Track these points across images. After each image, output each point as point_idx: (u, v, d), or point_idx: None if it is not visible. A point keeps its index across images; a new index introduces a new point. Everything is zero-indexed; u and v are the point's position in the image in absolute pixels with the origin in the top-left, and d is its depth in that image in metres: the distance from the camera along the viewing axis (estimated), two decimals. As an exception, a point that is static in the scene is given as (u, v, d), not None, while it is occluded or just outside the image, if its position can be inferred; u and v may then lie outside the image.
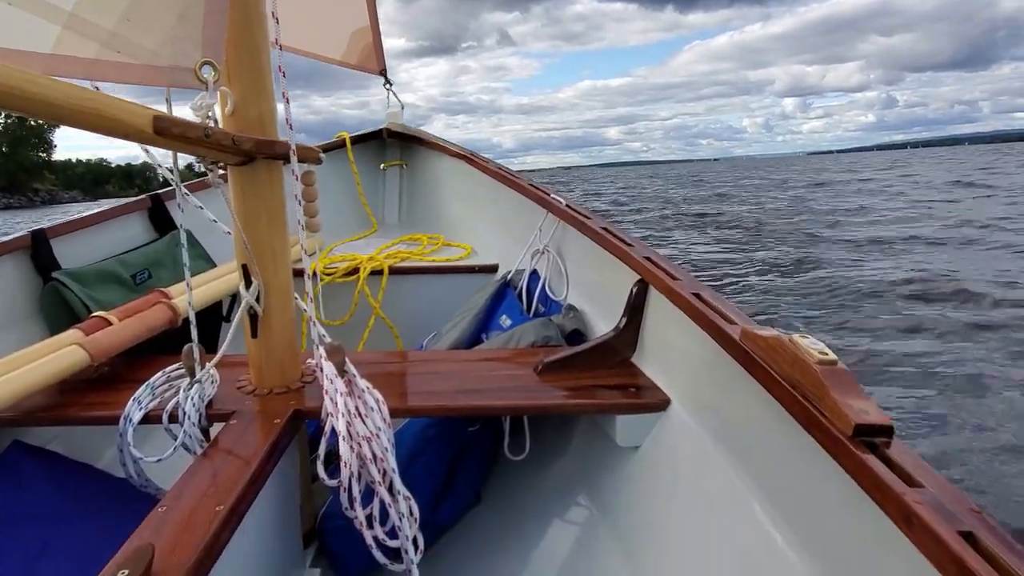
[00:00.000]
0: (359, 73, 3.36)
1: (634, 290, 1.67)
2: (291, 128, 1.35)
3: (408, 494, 1.29)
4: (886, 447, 0.90)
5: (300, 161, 1.42)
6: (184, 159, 1.37)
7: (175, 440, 1.33)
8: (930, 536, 0.74)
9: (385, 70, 3.33)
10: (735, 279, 8.52)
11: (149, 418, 1.39)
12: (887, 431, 0.92)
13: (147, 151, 1.57)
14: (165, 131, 1.09)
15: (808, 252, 10.41)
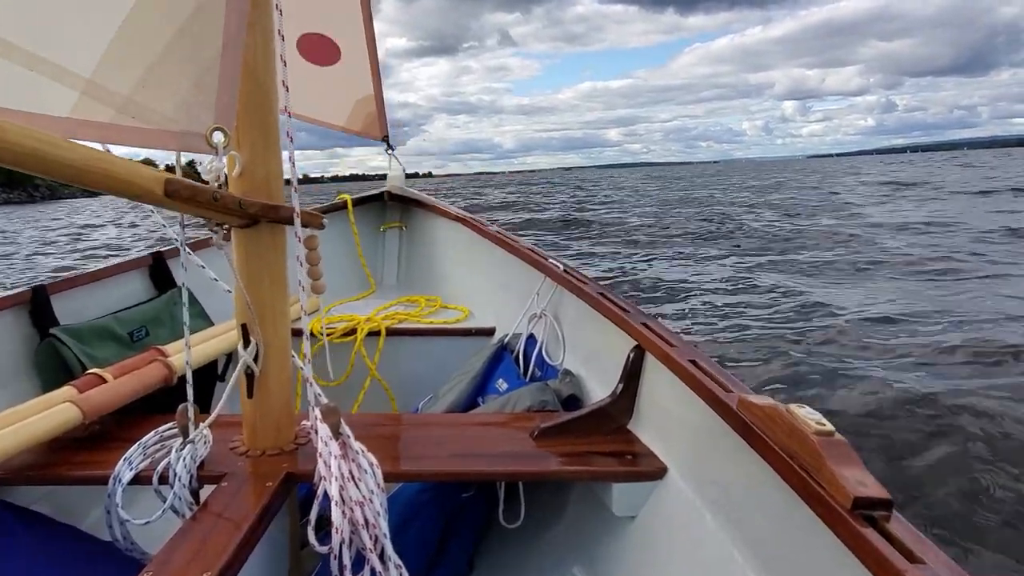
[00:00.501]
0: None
1: (631, 356, 1.68)
2: (296, 192, 1.38)
3: (399, 562, 1.26)
4: (885, 520, 0.90)
5: (304, 226, 1.45)
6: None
7: (164, 502, 1.31)
8: None
9: (387, 137, 3.42)
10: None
11: (139, 479, 1.37)
12: (886, 504, 0.92)
13: (154, 211, 1.60)
14: (175, 194, 1.12)
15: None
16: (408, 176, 4.01)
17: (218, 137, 1.19)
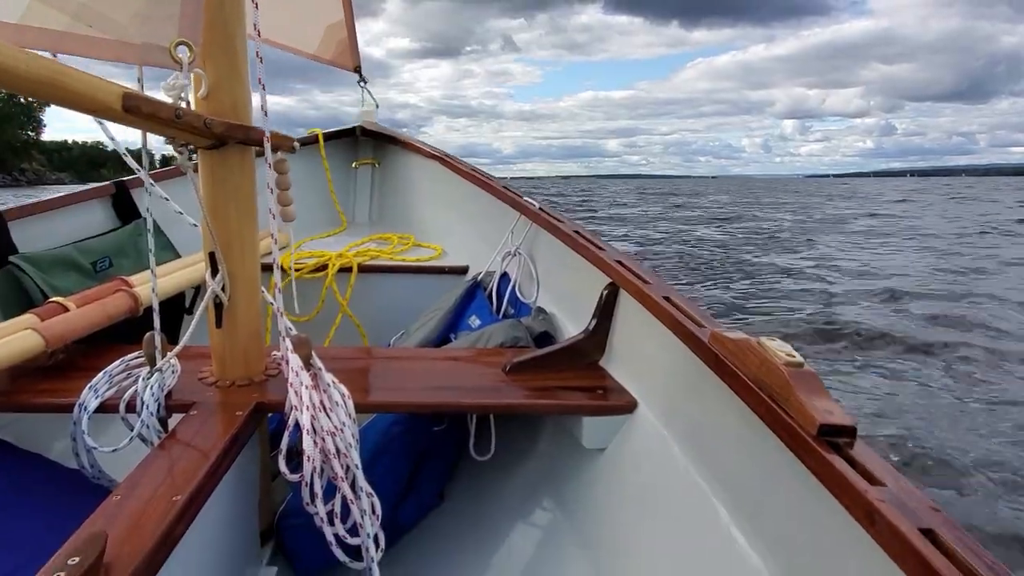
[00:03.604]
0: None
1: (604, 293, 1.68)
2: (266, 116, 1.33)
3: (371, 491, 1.27)
4: (849, 447, 0.92)
5: (274, 149, 1.40)
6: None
7: (132, 431, 1.29)
8: (892, 533, 0.76)
9: (360, 67, 3.31)
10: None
11: (105, 407, 1.35)
12: (851, 431, 0.94)
13: (113, 139, 1.53)
14: (134, 109, 1.06)
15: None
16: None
17: (182, 51, 1.13)
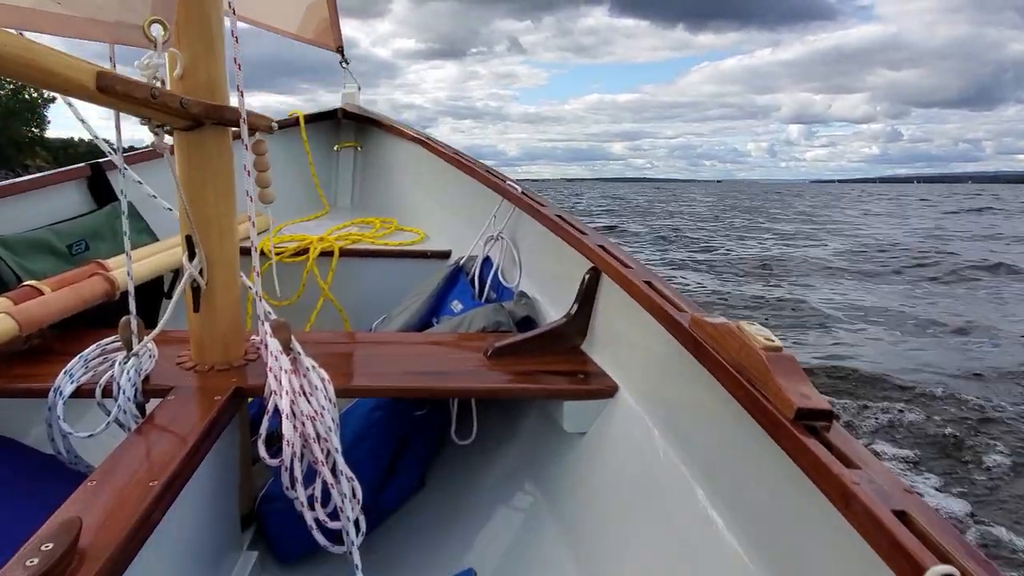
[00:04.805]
0: (367, 71, 3.30)
1: (586, 278, 1.68)
2: (242, 95, 1.31)
3: (351, 475, 1.27)
4: (826, 431, 0.93)
5: (251, 130, 1.37)
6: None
7: (108, 416, 1.28)
8: (866, 515, 0.77)
9: (342, 48, 3.26)
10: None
11: (81, 392, 1.33)
12: (827, 415, 0.95)
13: (84, 121, 1.50)
14: (108, 89, 1.04)
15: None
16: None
17: (156, 30, 1.11)
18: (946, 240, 18.25)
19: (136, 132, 1.32)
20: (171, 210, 1.44)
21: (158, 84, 1.15)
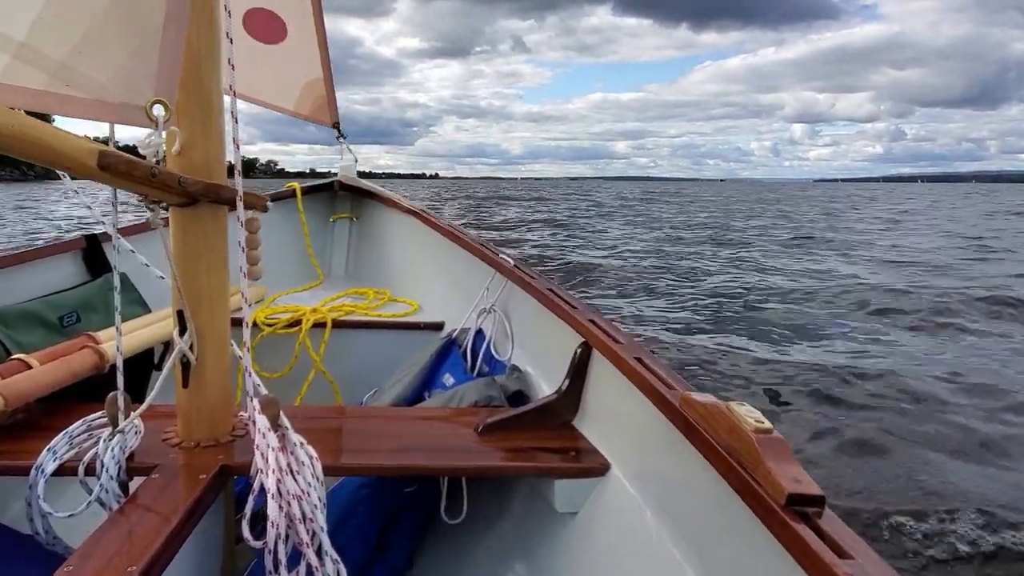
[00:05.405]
0: (372, 70, 3.42)
1: (578, 352, 1.68)
2: (239, 175, 1.34)
3: (336, 557, 1.23)
4: (818, 517, 0.92)
5: (247, 208, 1.40)
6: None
7: (90, 495, 1.25)
8: None
9: (338, 124, 3.35)
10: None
11: (64, 470, 1.30)
12: (819, 501, 0.94)
13: (77, 191, 1.52)
14: (111, 167, 1.06)
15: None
16: (415, 177, 3.97)
17: (158, 110, 1.14)
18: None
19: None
20: (164, 278, 1.45)
21: (156, 163, 1.18)
